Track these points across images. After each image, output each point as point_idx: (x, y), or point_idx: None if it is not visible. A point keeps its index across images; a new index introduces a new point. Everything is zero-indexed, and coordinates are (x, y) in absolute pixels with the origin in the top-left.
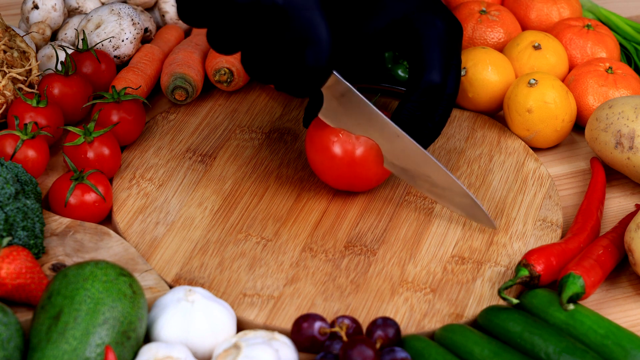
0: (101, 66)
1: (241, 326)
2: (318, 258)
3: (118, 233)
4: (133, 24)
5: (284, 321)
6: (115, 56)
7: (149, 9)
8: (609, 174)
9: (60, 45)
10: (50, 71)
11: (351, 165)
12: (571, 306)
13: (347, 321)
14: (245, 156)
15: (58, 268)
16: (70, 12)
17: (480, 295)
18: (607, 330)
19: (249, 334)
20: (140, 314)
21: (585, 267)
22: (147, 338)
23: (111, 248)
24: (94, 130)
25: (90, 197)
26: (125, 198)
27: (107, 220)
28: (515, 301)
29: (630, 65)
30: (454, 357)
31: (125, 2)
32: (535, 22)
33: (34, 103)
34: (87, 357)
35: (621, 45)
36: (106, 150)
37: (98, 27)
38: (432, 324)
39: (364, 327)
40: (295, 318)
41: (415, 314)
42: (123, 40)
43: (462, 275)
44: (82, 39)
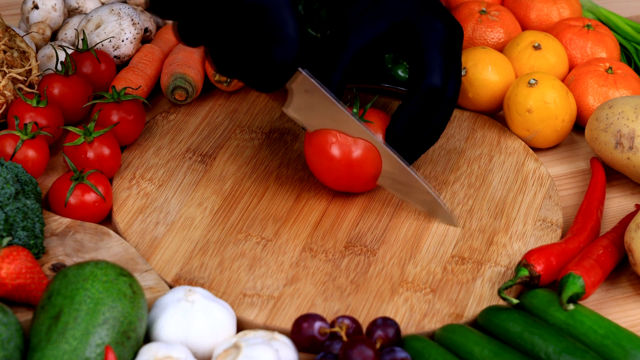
0: (101, 66)
1: (241, 326)
2: (318, 258)
3: (118, 233)
4: (133, 24)
5: (284, 321)
6: (115, 56)
7: (149, 9)
8: (609, 174)
9: (60, 45)
10: (50, 71)
11: (349, 167)
12: (571, 306)
13: (347, 321)
14: (245, 156)
15: (58, 268)
16: (70, 12)
17: (480, 295)
18: (607, 330)
19: (249, 334)
20: (140, 314)
21: (585, 267)
22: (147, 338)
23: (111, 248)
24: (94, 130)
25: (90, 197)
26: (125, 198)
27: (107, 220)
28: (515, 301)
29: (630, 65)
30: (454, 357)
31: (125, 2)
32: (535, 22)
33: (34, 103)
34: (87, 357)
35: (621, 45)
36: (106, 150)
37: (98, 27)
38: (432, 324)
39: (364, 327)
40: (295, 318)
41: (415, 314)
42: (123, 40)
43: (462, 275)
44: (82, 39)
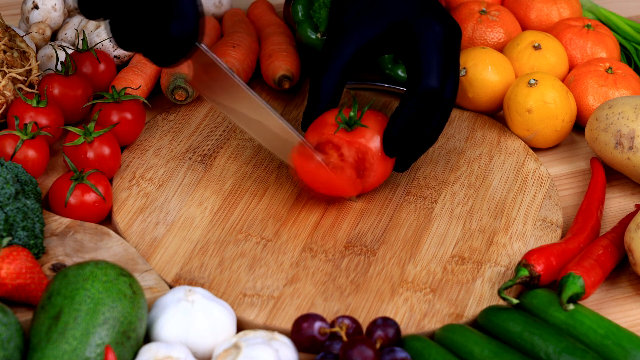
0: (101, 66)
1: (241, 326)
2: (318, 258)
3: (118, 233)
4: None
5: (284, 321)
6: (115, 56)
7: None
8: (609, 174)
9: (60, 45)
10: (50, 71)
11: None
12: (571, 306)
13: (347, 321)
14: (245, 156)
15: (58, 268)
16: (70, 12)
17: (480, 295)
18: (607, 330)
19: (249, 334)
20: (140, 314)
21: (585, 267)
22: (147, 338)
23: (111, 248)
24: (94, 130)
25: (90, 197)
26: (125, 198)
27: (107, 220)
28: (515, 301)
29: (630, 65)
30: (454, 357)
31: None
32: (535, 22)
33: (34, 103)
34: (87, 357)
35: (621, 45)
36: (106, 150)
37: (98, 27)
38: (432, 324)
39: (364, 327)
40: (295, 318)
41: (415, 314)
42: None
43: (462, 275)
44: (82, 39)
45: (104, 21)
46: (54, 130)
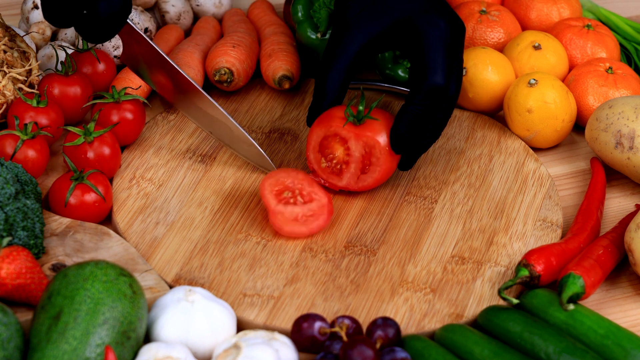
0: (101, 66)
1: (241, 326)
2: (318, 258)
3: (118, 233)
4: (133, 24)
5: (284, 321)
6: (115, 56)
7: (149, 9)
8: (609, 174)
9: (60, 45)
10: (50, 71)
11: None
12: (571, 306)
13: (347, 321)
14: None
15: (58, 268)
16: None
17: (480, 295)
18: (607, 330)
19: (249, 334)
20: (140, 314)
21: (585, 267)
22: (147, 338)
23: (111, 248)
24: (94, 130)
25: (90, 197)
26: (125, 198)
27: (107, 220)
28: (515, 301)
29: (630, 65)
30: (454, 357)
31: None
32: (535, 22)
33: (34, 103)
34: (87, 357)
35: (621, 45)
36: (106, 150)
37: None
38: (432, 324)
39: (364, 327)
40: (295, 318)
41: (415, 314)
42: None
43: (462, 275)
44: (82, 39)
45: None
46: (54, 130)
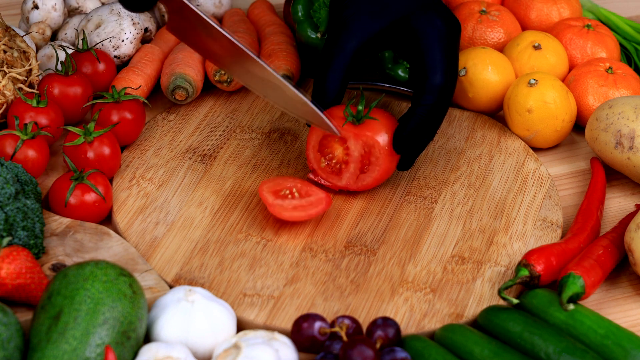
0: (101, 66)
1: (241, 326)
2: (318, 258)
3: (118, 233)
4: (133, 24)
5: (284, 321)
6: (115, 56)
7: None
8: (609, 174)
9: (60, 45)
10: (50, 71)
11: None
12: (571, 306)
13: (347, 321)
14: (245, 156)
15: (58, 268)
16: (70, 12)
17: (480, 295)
18: (607, 330)
19: (249, 334)
20: (140, 314)
21: (585, 267)
22: (147, 338)
23: (111, 248)
24: (94, 130)
25: (90, 197)
26: (125, 198)
27: (107, 220)
28: (515, 301)
29: (630, 65)
30: (454, 357)
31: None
32: (535, 22)
33: (34, 103)
34: (87, 357)
35: (621, 45)
36: (106, 150)
37: (98, 27)
38: (432, 324)
39: (364, 327)
40: (295, 318)
41: (415, 314)
42: (123, 40)
43: (462, 275)
44: (82, 39)
45: None
46: (54, 130)
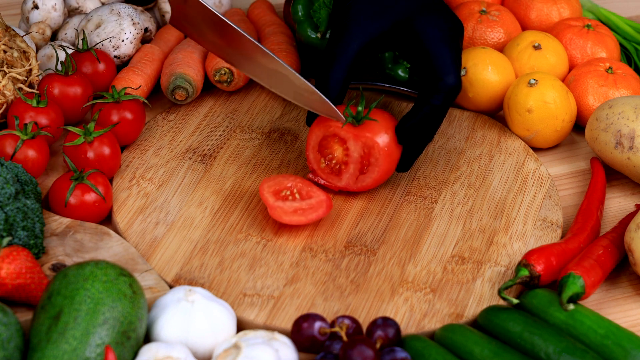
0: (101, 66)
1: (241, 326)
2: (318, 258)
3: (118, 233)
4: (133, 24)
5: (284, 321)
6: (115, 56)
7: (149, 9)
8: (609, 174)
9: (60, 45)
10: (50, 71)
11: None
12: (571, 306)
13: (347, 321)
14: (245, 156)
15: (58, 268)
16: (70, 12)
17: (480, 295)
18: (607, 330)
19: (249, 334)
20: (140, 314)
21: (585, 267)
22: (147, 338)
23: (111, 248)
24: (94, 130)
25: (90, 197)
26: (125, 198)
27: (107, 220)
28: (515, 301)
29: (630, 65)
30: (454, 357)
31: (126, 2)
32: (535, 22)
33: (34, 103)
34: (87, 357)
35: (621, 45)
36: (106, 150)
37: (98, 27)
38: (432, 324)
39: (364, 327)
40: (295, 318)
41: (415, 314)
42: (123, 40)
43: (462, 275)
44: (82, 39)
45: None
46: (54, 130)
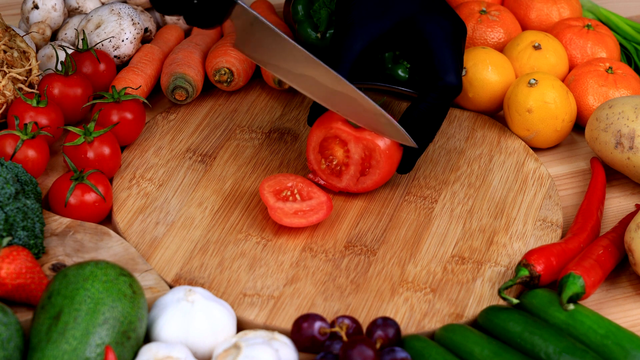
0: (101, 66)
1: (241, 326)
2: (318, 258)
3: (118, 233)
4: (133, 24)
5: (284, 321)
6: (115, 56)
7: (149, 9)
8: (609, 174)
9: (60, 45)
10: (50, 71)
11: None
12: (571, 306)
13: (347, 321)
14: (245, 156)
15: (58, 268)
16: (70, 12)
17: (480, 295)
18: (607, 330)
19: (249, 334)
20: (140, 314)
21: (585, 267)
22: (147, 338)
23: (111, 248)
24: (94, 130)
25: (90, 197)
26: (125, 198)
27: (107, 220)
28: (515, 301)
29: (630, 65)
30: (454, 357)
31: (125, 2)
32: (535, 22)
33: (34, 103)
34: (87, 357)
35: (621, 45)
36: (106, 150)
37: (98, 27)
38: (432, 324)
39: (364, 327)
40: (295, 318)
41: (415, 314)
42: (123, 40)
43: (462, 275)
44: (82, 39)
45: None
46: (54, 130)
